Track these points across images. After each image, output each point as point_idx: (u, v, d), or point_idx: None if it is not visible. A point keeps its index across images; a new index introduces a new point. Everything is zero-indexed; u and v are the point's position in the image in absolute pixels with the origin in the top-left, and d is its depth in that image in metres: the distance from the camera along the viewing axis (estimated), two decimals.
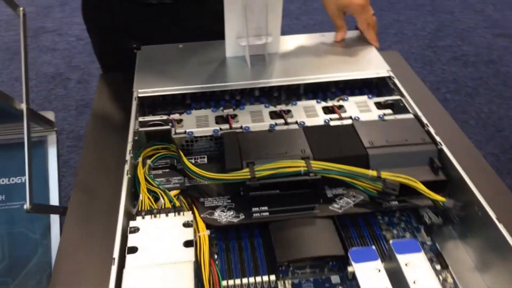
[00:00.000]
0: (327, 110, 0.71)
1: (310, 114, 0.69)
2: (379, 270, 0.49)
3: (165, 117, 0.68)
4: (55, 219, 0.87)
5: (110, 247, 0.50)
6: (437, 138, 0.63)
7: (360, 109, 0.70)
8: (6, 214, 0.84)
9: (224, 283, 0.52)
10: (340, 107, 0.71)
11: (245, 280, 0.53)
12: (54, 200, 0.89)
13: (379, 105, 0.72)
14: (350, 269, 0.51)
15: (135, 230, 0.52)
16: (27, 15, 0.84)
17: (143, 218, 0.55)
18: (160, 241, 0.50)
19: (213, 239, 0.59)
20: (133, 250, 0.49)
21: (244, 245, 0.58)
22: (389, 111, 0.70)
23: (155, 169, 0.64)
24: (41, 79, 2.26)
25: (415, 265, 0.49)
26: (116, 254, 0.49)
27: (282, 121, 0.68)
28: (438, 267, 0.56)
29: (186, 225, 0.52)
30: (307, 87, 0.79)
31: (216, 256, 0.56)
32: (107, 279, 0.46)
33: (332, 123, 0.67)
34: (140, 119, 0.68)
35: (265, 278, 0.53)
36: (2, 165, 0.85)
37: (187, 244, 0.50)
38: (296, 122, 0.68)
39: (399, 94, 0.74)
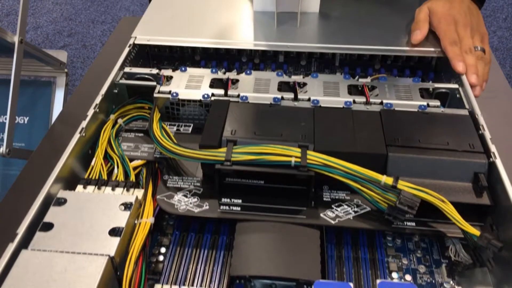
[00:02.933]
0: (354, 90, 0.55)
1: (329, 92, 0.54)
2: None
3: (155, 71, 0.57)
4: None
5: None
6: (492, 148, 0.46)
7: (397, 94, 0.54)
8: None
9: None
10: (373, 88, 0.55)
11: None
12: None
13: (425, 93, 0.55)
14: None
15: (61, 202, 0.42)
16: None
17: (84, 188, 0.45)
18: (84, 222, 0.40)
19: (170, 227, 0.48)
20: (47, 227, 0.40)
21: (202, 243, 0.46)
22: (436, 102, 0.53)
23: (128, 131, 0.54)
24: (115, 23, 2.25)
25: None
26: (22, 229, 0.39)
27: (291, 95, 0.54)
28: None
29: (125, 207, 0.42)
30: (344, 58, 0.63)
31: (165, 250, 0.45)
32: None
33: (354, 107, 0.52)
34: (127, 69, 0.57)
35: None
36: (3, 102, 0.80)
37: (113, 232, 0.39)
38: (309, 99, 0.53)
39: (458, 83, 0.56)
